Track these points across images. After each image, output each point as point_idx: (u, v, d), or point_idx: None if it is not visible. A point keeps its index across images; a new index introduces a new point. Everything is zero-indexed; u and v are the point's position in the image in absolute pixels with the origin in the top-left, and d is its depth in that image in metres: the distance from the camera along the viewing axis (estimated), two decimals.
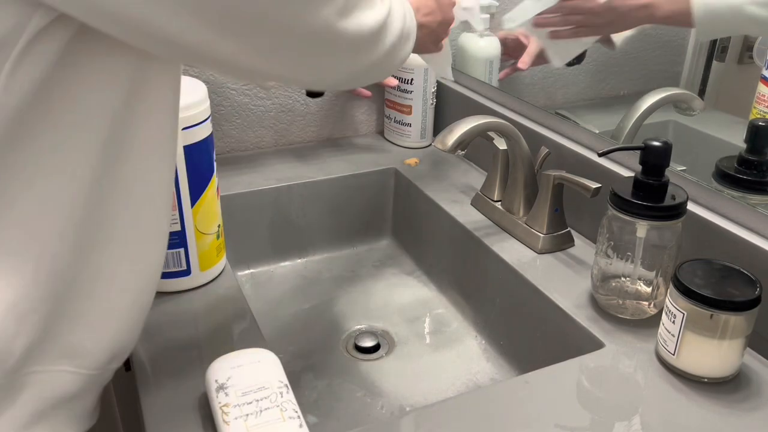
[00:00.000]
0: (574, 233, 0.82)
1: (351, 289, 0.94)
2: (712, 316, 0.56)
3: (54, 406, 0.48)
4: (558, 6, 0.84)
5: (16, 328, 0.44)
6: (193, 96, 0.66)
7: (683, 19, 0.74)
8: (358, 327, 0.86)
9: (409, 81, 1.04)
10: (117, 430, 1.01)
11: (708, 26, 0.72)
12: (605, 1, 0.81)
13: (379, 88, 1.11)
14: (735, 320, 0.56)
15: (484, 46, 1.03)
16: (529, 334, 0.75)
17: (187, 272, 0.71)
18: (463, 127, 0.76)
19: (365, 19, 0.51)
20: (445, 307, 0.89)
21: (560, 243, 0.80)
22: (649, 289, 0.67)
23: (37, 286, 0.45)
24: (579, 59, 0.88)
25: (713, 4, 0.71)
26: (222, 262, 0.76)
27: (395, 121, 1.09)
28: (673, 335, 0.59)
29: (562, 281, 0.74)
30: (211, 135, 0.70)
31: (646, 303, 0.67)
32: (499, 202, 0.87)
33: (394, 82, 1.04)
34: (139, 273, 0.52)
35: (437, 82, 1.08)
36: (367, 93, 1.08)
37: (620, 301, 0.67)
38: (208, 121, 0.69)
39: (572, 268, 0.76)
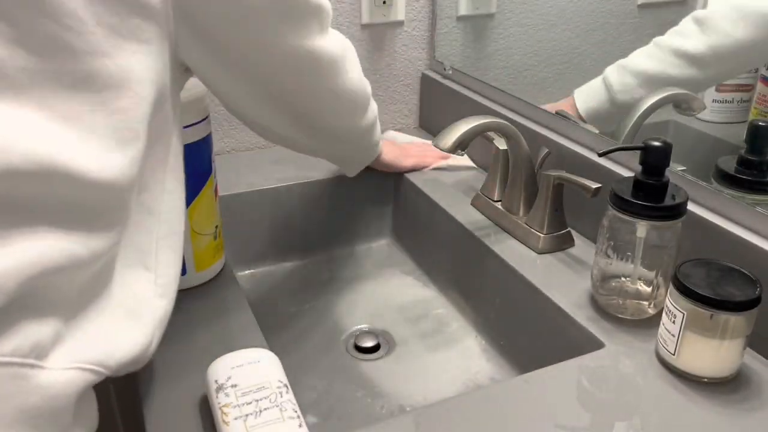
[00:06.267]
0: (574, 233, 0.82)
1: (351, 289, 0.94)
2: (712, 316, 0.56)
3: None
4: None
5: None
6: (192, 95, 0.66)
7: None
8: (358, 327, 0.86)
9: None
10: (117, 430, 1.01)
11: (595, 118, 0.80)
12: None
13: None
14: (735, 320, 0.56)
15: None
16: (529, 334, 0.75)
17: (182, 272, 0.71)
18: (463, 127, 0.76)
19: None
20: (445, 307, 0.89)
21: (560, 243, 0.80)
22: (649, 289, 0.67)
23: None
24: None
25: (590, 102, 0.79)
26: (219, 263, 0.76)
27: None
28: (673, 335, 0.58)
29: (562, 281, 0.74)
30: (209, 134, 0.69)
31: (646, 303, 0.67)
32: (499, 202, 0.87)
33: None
34: None
35: None
36: None
37: (620, 301, 0.67)
38: (207, 120, 0.69)
39: (572, 268, 0.76)
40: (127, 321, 0.50)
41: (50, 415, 0.42)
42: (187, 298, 0.71)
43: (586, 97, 0.79)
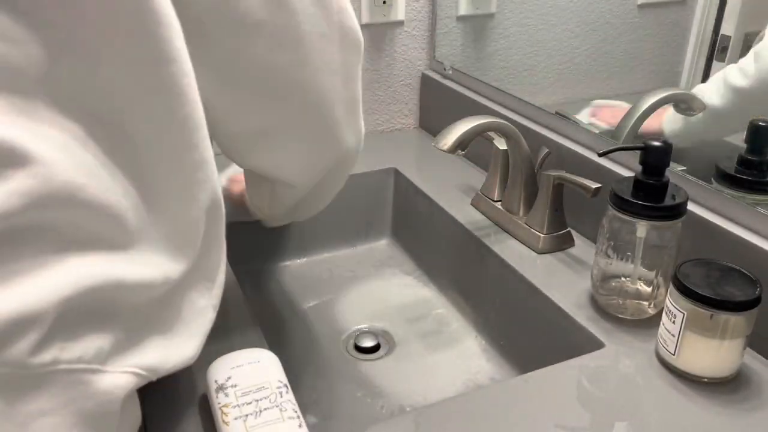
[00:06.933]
0: (574, 233, 0.82)
1: (351, 289, 0.94)
2: (712, 316, 0.56)
3: None
4: None
5: None
6: None
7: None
8: (358, 327, 0.86)
9: None
10: None
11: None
12: None
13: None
14: (735, 320, 0.56)
15: None
16: (529, 334, 0.75)
17: None
18: (463, 127, 0.76)
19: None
20: (445, 307, 0.89)
21: (560, 243, 0.80)
22: (649, 289, 0.67)
23: None
24: None
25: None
26: None
27: None
28: (673, 335, 0.59)
29: (562, 281, 0.74)
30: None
31: (646, 303, 0.67)
32: (499, 202, 0.87)
33: None
34: None
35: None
36: None
37: (620, 301, 0.67)
38: None
39: (572, 268, 0.76)
40: (183, 331, 0.51)
41: (101, 416, 0.43)
42: None
43: (673, 119, 0.79)
